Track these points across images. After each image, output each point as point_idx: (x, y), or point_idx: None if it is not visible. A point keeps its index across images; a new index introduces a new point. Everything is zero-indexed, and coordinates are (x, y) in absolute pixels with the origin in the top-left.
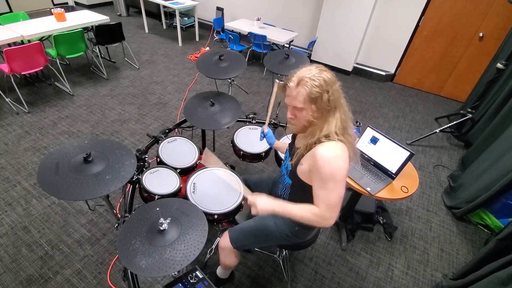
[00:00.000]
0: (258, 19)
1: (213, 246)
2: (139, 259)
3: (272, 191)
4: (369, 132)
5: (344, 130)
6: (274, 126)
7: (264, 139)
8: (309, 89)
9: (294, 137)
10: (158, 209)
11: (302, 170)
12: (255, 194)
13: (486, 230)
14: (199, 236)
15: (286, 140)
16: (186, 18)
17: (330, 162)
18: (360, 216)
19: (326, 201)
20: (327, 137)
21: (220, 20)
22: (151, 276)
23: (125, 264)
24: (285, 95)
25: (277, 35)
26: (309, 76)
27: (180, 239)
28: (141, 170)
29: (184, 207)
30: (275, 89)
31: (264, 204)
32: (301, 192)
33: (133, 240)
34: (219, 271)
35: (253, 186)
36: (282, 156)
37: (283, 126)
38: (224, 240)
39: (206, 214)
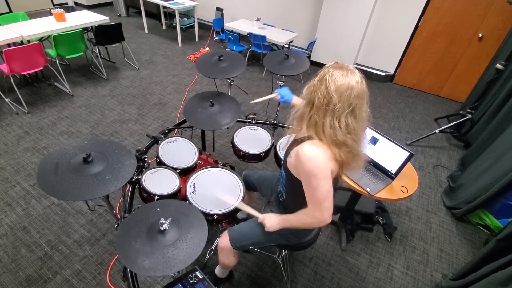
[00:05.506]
0: (258, 20)
1: (213, 247)
2: (141, 260)
3: (274, 189)
4: (369, 133)
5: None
6: (273, 126)
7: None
8: (325, 71)
9: None
10: (159, 209)
11: (291, 163)
12: (265, 214)
13: (485, 231)
14: (200, 234)
15: (284, 141)
16: (186, 19)
17: (310, 159)
18: (360, 216)
19: (313, 199)
20: (312, 137)
21: (219, 20)
22: (156, 275)
23: (127, 265)
24: None
25: (277, 36)
26: (339, 65)
27: (182, 238)
28: (140, 170)
29: (182, 207)
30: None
31: (272, 220)
32: (295, 187)
33: (133, 241)
34: (217, 270)
35: (256, 183)
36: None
37: (282, 127)
38: (223, 240)
39: (206, 214)
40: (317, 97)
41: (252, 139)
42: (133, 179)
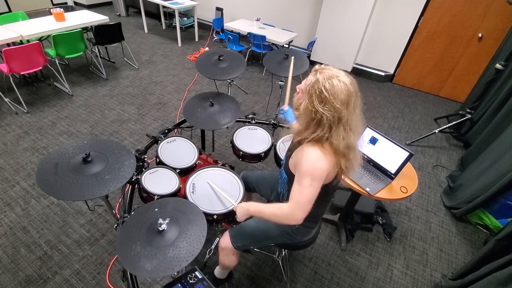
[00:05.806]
0: (258, 20)
1: (213, 247)
2: (143, 263)
3: (273, 189)
4: (368, 133)
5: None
6: (273, 126)
7: (285, 116)
8: (312, 82)
9: None
10: (156, 209)
11: (292, 165)
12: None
13: (485, 231)
14: (199, 230)
15: (283, 140)
16: (185, 18)
17: (312, 159)
18: (360, 216)
19: (297, 197)
20: (317, 141)
21: (219, 20)
22: (158, 277)
23: (129, 269)
24: None
25: (277, 36)
26: (326, 76)
27: (181, 237)
28: (140, 170)
29: (179, 205)
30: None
31: (241, 207)
32: None
33: (134, 245)
34: (217, 271)
35: (254, 184)
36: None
37: (282, 127)
38: (225, 240)
39: (206, 214)
40: (325, 118)
41: (252, 139)
42: (133, 179)
